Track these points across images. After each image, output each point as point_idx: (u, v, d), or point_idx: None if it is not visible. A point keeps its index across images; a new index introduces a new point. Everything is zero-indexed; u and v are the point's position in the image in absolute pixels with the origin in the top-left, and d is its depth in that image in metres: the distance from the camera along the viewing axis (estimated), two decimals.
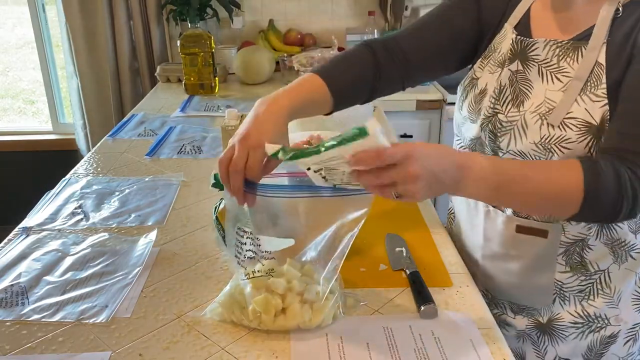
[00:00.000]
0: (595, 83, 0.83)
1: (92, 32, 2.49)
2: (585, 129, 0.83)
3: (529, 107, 0.89)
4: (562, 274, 0.92)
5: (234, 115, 1.24)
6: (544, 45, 0.90)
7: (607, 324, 0.94)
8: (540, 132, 0.86)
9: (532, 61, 0.91)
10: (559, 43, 0.88)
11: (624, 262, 0.91)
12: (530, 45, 0.92)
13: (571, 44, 0.87)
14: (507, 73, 0.94)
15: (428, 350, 0.76)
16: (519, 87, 0.92)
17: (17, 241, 1.04)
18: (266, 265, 0.81)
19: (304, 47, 2.47)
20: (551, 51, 0.89)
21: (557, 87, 0.87)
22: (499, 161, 0.80)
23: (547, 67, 0.89)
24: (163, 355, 0.76)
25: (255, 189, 0.79)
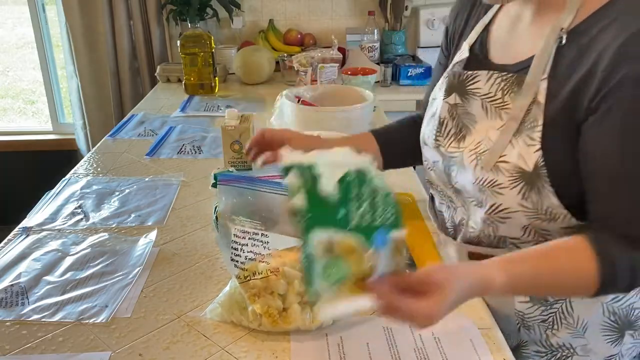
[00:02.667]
0: (531, 124, 0.75)
1: (92, 32, 2.49)
2: (518, 174, 0.76)
3: (469, 143, 0.84)
4: (522, 304, 0.87)
5: (234, 115, 1.23)
6: (487, 77, 0.83)
7: (573, 354, 0.87)
8: (475, 173, 0.81)
9: (473, 95, 0.85)
10: (502, 76, 0.81)
11: None
12: (470, 78, 0.86)
13: (515, 77, 0.79)
14: (446, 106, 0.89)
15: (428, 350, 0.76)
16: (462, 121, 0.87)
17: (17, 241, 1.04)
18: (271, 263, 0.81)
19: (304, 47, 2.47)
20: (495, 84, 0.82)
21: (498, 125, 0.80)
22: (514, 270, 0.70)
23: (491, 102, 0.82)
24: (163, 355, 0.76)
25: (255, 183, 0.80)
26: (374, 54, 2.41)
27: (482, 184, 0.81)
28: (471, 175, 0.82)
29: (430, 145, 0.93)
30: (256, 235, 0.81)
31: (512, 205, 0.79)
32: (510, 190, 0.78)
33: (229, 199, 0.82)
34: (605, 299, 0.85)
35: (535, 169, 0.75)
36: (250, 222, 0.81)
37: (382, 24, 2.53)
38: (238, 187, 0.82)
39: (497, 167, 0.79)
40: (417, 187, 1.27)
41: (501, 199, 0.79)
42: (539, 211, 0.78)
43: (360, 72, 1.99)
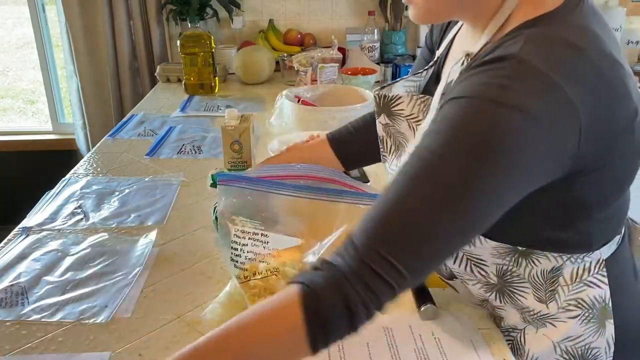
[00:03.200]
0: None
1: (92, 32, 2.49)
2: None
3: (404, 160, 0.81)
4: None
5: (234, 115, 1.23)
6: (408, 100, 0.84)
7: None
8: None
9: (398, 116, 0.86)
10: (420, 97, 0.82)
11: (542, 327, 0.77)
12: (394, 100, 0.86)
13: (427, 99, 0.81)
14: (379, 125, 0.90)
15: (428, 351, 0.76)
16: (396, 139, 0.89)
17: (17, 241, 1.04)
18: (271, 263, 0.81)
19: (304, 47, 2.47)
20: (416, 106, 0.83)
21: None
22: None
23: (415, 121, 0.84)
24: (163, 355, 0.76)
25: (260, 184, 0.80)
26: (374, 54, 2.41)
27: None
28: None
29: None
30: (256, 235, 0.81)
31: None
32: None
33: (229, 199, 0.82)
34: (556, 337, 0.76)
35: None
36: (250, 222, 0.81)
37: (382, 24, 2.53)
38: (238, 187, 0.82)
39: None
40: None
41: None
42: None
43: (360, 72, 1.99)
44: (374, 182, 1.29)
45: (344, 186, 0.82)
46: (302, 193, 0.81)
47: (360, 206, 0.80)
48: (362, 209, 0.80)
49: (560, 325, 0.76)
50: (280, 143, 1.32)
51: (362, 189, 0.82)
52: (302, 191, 0.81)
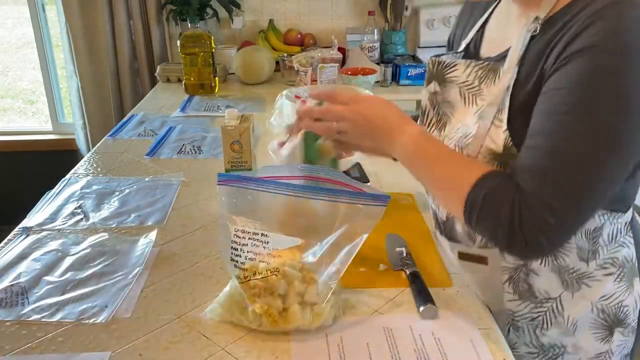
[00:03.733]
0: (501, 108, 0.78)
1: (92, 32, 2.49)
2: (491, 156, 0.79)
3: (449, 132, 0.87)
4: (512, 302, 0.88)
5: (234, 115, 1.23)
6: (465, 66, 0.86)
7: (564, 352, 0.88)
8: None
9: (451, 83, 0.87)
10: (480, 64, 0.84)
11: (577, 291, 0.85)
12: (450, 66, 0.88)
13: (491, 65, 0.82)
14: (426, 94, 0.92)
15: (428, 351, 0.76)
16: (441, 109, 0.90)
17: (17, 241, 1.04)
18: (272, 263, 0.81)
19: (304, 47, 2.47)
20: (472, 73, 0.85)
21: (473, 111, 0.83)
22: (427, 138, 0.82)
23: (469, 89, 0.85)
24: (163, 355, 0.76)
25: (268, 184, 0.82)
26: (374, 54, 2.41)
27: None
28: None
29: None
30: (256, 235, 0.81)
31: None
32: None
33: (229, 199, 0.82)
34: (593, 297, 0.85)
35: (505, 150, 0.78)
36: (250, 222, 0.81)
37: (382, 24, 2.53)
38: (238, 187, 0.82)
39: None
40: (417, 187, 1.27)
41: None
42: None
43: (360, 72, 1.99)
44: (374, 182, 1.29)
45: (344, 186, 0.82)
46: (302, 193, 0.81)
47: (360, 206, 0.80)
48: (362, 208, 0.80)
49: (595, 284, 0.84)
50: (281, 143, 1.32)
51: (362, 189, 0.81)
52: (302, 191, 0.81)
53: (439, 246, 1.00)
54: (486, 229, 0.75)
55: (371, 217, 0.79)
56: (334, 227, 0.80)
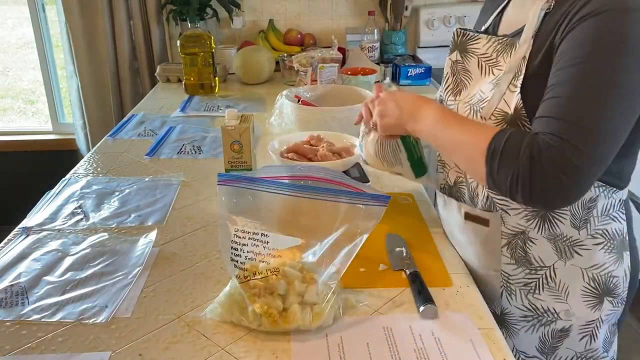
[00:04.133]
0: (517, 75, 0.85)
1: (92, 32, 2.49)
2: (502, 117, 0.86)
3: (464, 97, 0.96)
4: (508, 265, 0.94)
5: (234, 115, 1.23)
6: (486, 40, 0.94)
7: (557, 318, 0.94)
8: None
9: (471, 54, 0.96)
10: (499, 39, 0.92)
11: (570, 259, 0.91)
12: (473, 38, 0.97)
13: (509, 40, 0.90)
14: (449, 62, 1.01)
15: (428, 351, 0.76)
16: (460, 77, 0.99)
17: (17, 241, 1.04)
18: (272, 263, 0.81)
19: (304, 47, 2.47)
20: (492, 47, 0.93)
21: (489, 80, 0.91)
22: (447, 111, 0.90)
23: (486, 60, 0.93)
24: (163, 355, 0.76)
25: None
26: (374, 54, 2.41)
27: None
28: None
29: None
30: (256, 235, 0.81)
31: None
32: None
33: (229, 199, 0.82)
34: (584, 265, 0.91)
35: (515, 111, 0.84)
36: (250, 222, 0.81)
37: (382, 24, 2.53)
38: (238, 187, 0.82)
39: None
40: (417, 187, 1.27)
41: None
42: None
43: (360, 72, 1.99)
44: (374, 182, 1.29)
45: (343, 186, 0.82)
46: (302, 193, 0.81)
47: (360, 206, 0.80)
48: (362, 208, 0.80)
49: (585, 253, 0.90)
50: (280, 143, 1.32)
51: (362, 189, 0.82)
52: (302, 191, 0.81)
53: (445, 206, 1.05)
54: (508, 174, 0.76)
55: (371, 218, 0.80)
56: (334, 227, 0.80)
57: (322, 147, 1.28)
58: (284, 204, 0.82)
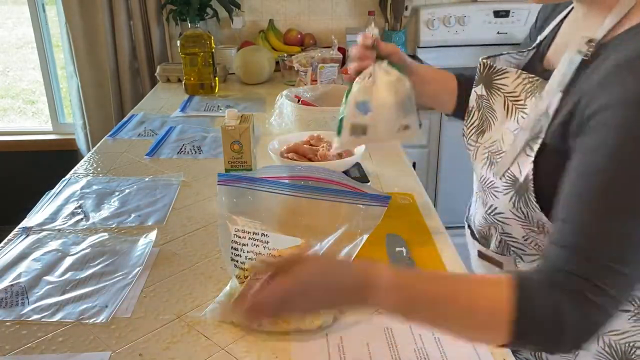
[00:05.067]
0: (536, 135, 0.72)
1: (92, 32, 2.49)
2: (511, 182, 0.75)
3: (485, 140, 0.83)
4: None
5: (234, 115, 1.23)
6: (515, 76, 0.80)
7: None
8: (481, 171, 0.82)
9: (497, 90, 0.82)
10: (530, 77, 0.77)
11: None
12: (499, 72, 0.82)
13: (540, 81, 0.75)
14: (474, 95, 0.88)
15: (428, 350, 0.76)
16: (485, 114, 0.85)
17: (17, 241, 1.04)
18: None
19: (304, 47, 2.47)
20: (521, 84, 0.78)
21: (512, 128, 0.77)
22: (406, 273, 0.67)
23: (513, 101, 0.79)
24: (163, 355, 0.76)
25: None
26: None
27: (484, 183, 0.82)
28: (478, 173, 0.84)
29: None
30: (256, 235, 0.81)
31: (505, 211, 0.79)
32: (503, 195, 0.79)
33: (230, 199, 0.82)
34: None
35: (525, 180, 0.73)
36: (250, 222, 0.81)
37: (382, 24, 2.53)
38: (238, 187, 0.82)
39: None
40: (417, 187, 1.27)
41: (497, 202, 0.81)
42: (530, 222, 0.77)
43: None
44: (374, 182, 1.29)
45: (343, 187, 0.82)
46: (303, 193, 0.81)
47: (360, 206, 0.80)
48: (362, 209, 0.80)
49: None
50: (280, 143, 1.32)
51: (362, 190, 0.82)
52: (302, 191, 0.81)
53: (468, 237, 1.00)
54: (545, 345, 0.63)
55: (371, 218, 0.79)
56: (334, 227, 0.80)
57: (322, 147, 1.28)
58: (284, 203, 0.82)
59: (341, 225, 0.80)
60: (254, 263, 0.71)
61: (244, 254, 0.80)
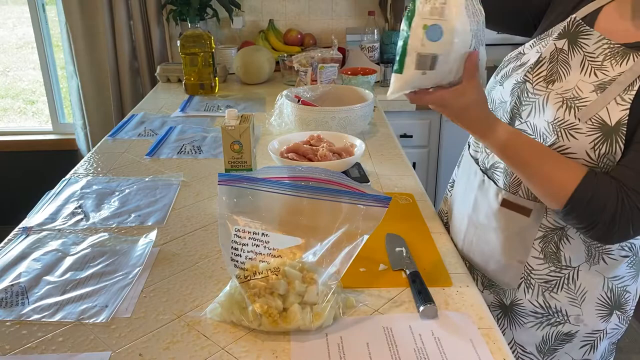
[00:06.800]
0: (628, 89, 0.82)
1: (92, 32, 2.49)
2: (598, 125, 0.82)
3: (557, 87, 0.90)
4: (535, 259, 0.94)
5: (234, 115, 1.23)
6: (597, 39, 0.89)
7: (566, 321, 0.95)
8: (556, 113, 0.87)
9: (579, 48, 0.90)
10: (611, 44, 0.87)
11: (596, 264, 0.92)
12: (585, 32, 0.91)
13: (622, 48, 0.85)
14: (552, 47, 0.93)
15: (428, 350, 0.76)
16: (557, 66, 0.92)
17: (17, 241, 1.04)
18: (272, 263, 0.81)
19: (304, 47, 2.47)
20: (600, 48, 0.88)
21: (590, 80, 0.86)
22: (517, 132, 0.87)
23: (591, 60, 0.88)
24: (163, 355, 0.76)
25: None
26: (374, 54, 2.41)
27: (560, 124, 0.85)
28: (552, 115, 0.87)
29: (506, 86, 0.98)
30: (256, 235, 0.81)
31: (579, 151, 0.84)
32: (585, 137, 0.83)
33: (230, 199, 0.82)
34: (607, 274, 0.92)
35: (616, 125, 0.81)
36: (250, 222, 0.81)
37: (382, 24, 2.53)
38: (239, 187, 0.82)
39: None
40: (417, 187, 1.27)
41: (573, 142, 0.84)
42: (598, 164, 0.83)
43: (360, 72, 1.99)
44: (374, 182, 1.29)
45: (344, 187, 0.82)
46: (303, 193, 0.81)
47: (360, 206, 0.80)
48: (363, 209, 0.80)
49: (612, 262, 0.91)
50: (280, 143, 1.32)
51: (362, 190, 0.82)
52: (302, 191, 0.81)
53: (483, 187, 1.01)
54: (581, 224, 0.83)
55: (372, 219, 0.80)
56: (334, 227, 0.80)
57: (322, 147, 1.28)
58: (285, 203, 0.82)
59: (341, 225, 0.80)
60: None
61: (244, 253, 0.80)
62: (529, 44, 1.00)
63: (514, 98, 0.95)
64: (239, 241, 0.81)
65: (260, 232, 0.81)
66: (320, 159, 1.23)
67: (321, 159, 1.23)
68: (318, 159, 1.24)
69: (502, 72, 1.01)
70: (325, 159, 1.24)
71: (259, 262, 0.81)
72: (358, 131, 1.56)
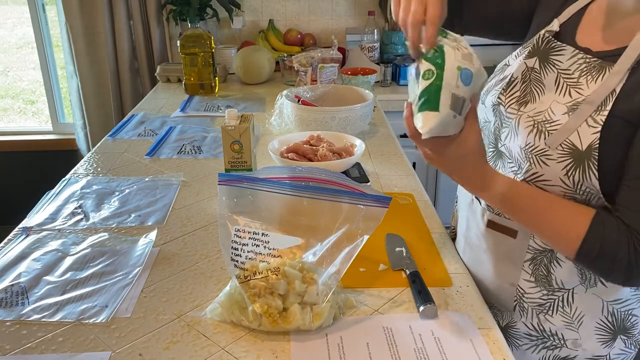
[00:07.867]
0: (600, 109, 0.76)
1: (92, 32, 2.49)
2: (569, 150, 0.78)
3: (529, 110, 0.85)
4: (526, 282, 0.90)
5: (234, 115, 1.23)
6: (571, 54, 0.83)
7: (563, 345, 0.90)
8: (527, 138, 0.82)
9: (552, 65, 0.85)
10: (587, 59, 0.81)
11: (592, 287, 0.87)
12: (557, 48, 0.86)
13: (599, 62, 0.79)
14: (522, 67, 0.88)
15: (428, 350, 0.76)
16: (530, 86, 0.87)
17: (17, 241, 1.04)
18: (272, 263, 0.81)
19: (304, 47, 2.47)
20: (576, 64, 0.82)
21: (564, 101, 0.81)
22: (517, 183, 0.82)
23: (566, 77, 0.83)
24: (163, 355, 0.76)
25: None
26: (374, 54, 2.41)
27: (531, 150, 0.81)
28: (523, 140, 0.83)
29: (487, 104, 0.93)
30: (256, 235, 0.81)
31: (553, 178, 0.80)
32: (557, 163, 0.79)
33: (230, 199, 0.82)
34: (607, 297, 0.87)
35: (587, 150, 0.76)
36: (250, 222, 0.81)
37: (382, 24, 2.53)
38: (238, 187, 0.82)
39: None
40: (417, 187, 1.27)
41: (545, 169, 0.80)
42: (576, 190, 0.79)
43: (360, 72, 1.99)
44: (374, 182, 1.29)
45: (344, 187, 0.82)
46: (303, 193, 0.81)
47: (360, 207, 0.80)
48: (363, 209, 0.80)
49: (612, 285, 0.86)
50: (280, 143, 1.32)
51: (362, 190, 0.82)
52: (303, 191, 0.81)
53: (470, 206, 0.99)
54: (597, 273, 0.83)
55: (372, 219, 0.80)
56: (334, 227, 0.80)
57: (322, 147, 1.28)
58: (285, 203, 0.82)
59: (342, 225, 0.80)
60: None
61: (244, 253, 0.80)
62: (516, 52, 0.95)
63: (497, 118, 0.91)
64: (239, 241, 0.81)
65: (260, 232, 0.81)
66: (320, 159, 1.23)
67: (321, 159, 1.23)
68: (318, 159, 1.24)
69: (487, 86, 0.96)
70: (325, 159, 1.24)
71: (259, 262, 0.81)
72: (358, 131, 1.56)
